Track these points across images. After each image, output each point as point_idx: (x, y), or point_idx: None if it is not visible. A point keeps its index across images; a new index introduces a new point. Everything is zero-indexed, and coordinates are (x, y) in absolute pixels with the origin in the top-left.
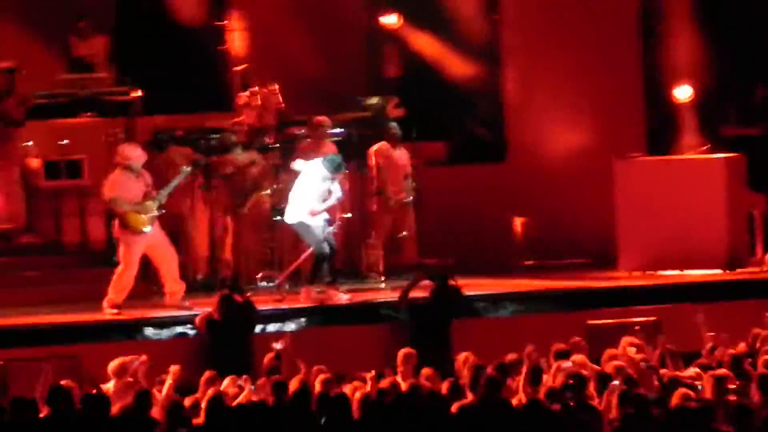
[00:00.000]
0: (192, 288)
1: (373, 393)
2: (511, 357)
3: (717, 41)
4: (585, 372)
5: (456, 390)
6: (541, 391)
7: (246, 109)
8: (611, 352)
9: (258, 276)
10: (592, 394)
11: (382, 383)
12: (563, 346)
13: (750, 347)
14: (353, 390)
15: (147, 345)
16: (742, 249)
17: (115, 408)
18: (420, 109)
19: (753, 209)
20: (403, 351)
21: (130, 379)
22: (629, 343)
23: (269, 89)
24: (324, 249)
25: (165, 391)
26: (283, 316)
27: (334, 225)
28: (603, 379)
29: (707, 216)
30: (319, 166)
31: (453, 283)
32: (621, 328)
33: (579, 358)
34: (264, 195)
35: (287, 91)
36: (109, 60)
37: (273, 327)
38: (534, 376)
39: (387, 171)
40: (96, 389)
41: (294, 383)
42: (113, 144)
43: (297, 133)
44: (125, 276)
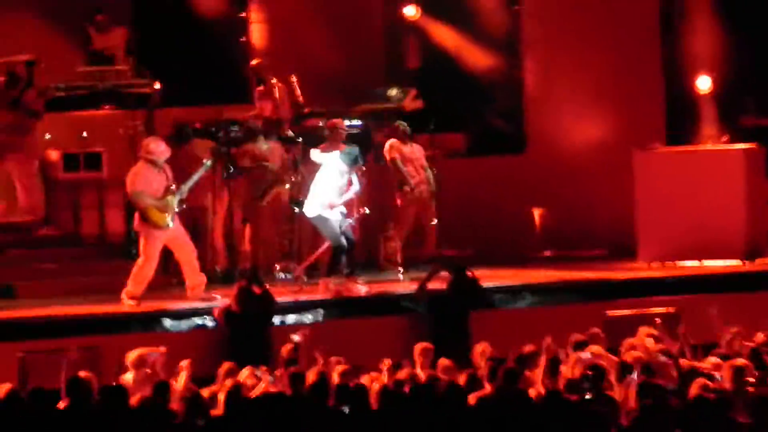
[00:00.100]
0: (211, 279)
1: (391, 384)
2: (529, 348)
3: (736, 32)
4: (603, 363)
5: (474, 381)
6: (560, 383)
7: (262, 102)
8: (630, 342)
9: (276, 267)
10: (610, 384)
11: (399, 374)
12: (581, 336)
13: None
14: (371, 381)
15: (166, 336)
16: (761, 240)
17: (134, 399)
18: (439, 101)
19: None
20: (421, 345)
21: (148, 371)
22: (647, 334)
23: (289, 81)
24: (341, 242)
25: (181, 385)
26: (302, 307)
27: (352, 218)
28: (622, 370)
29: (726, 207)
30: (338, 159)
31: (470, 275)
32: (640, 319)
33: (596, 348)
34: (283, 188)
35: (307, 83)
36: (128, 52)
37: (291, 318)
38: (552, 367)
39: (404, 164)
40: (117, 376)
41: (311, 375)
42: (132, 136)
43: (315, 126)
44: (145, 269)
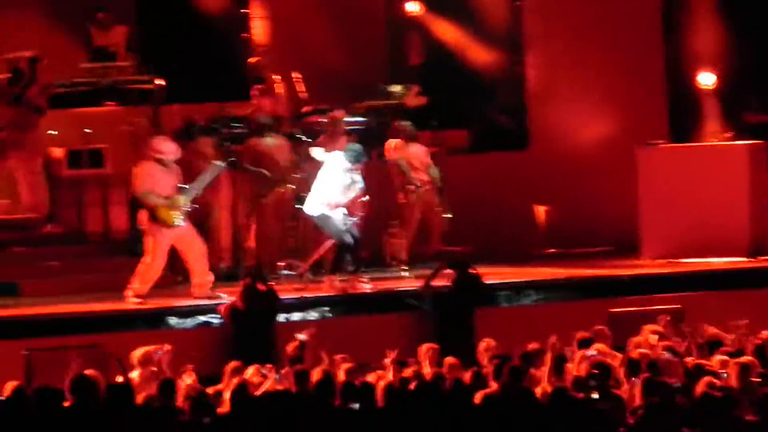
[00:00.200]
0: (215, 277)
1: (396, 382)
2: (534, 346)
3: (739, 28)
4: (609, 360)
5: (479, 378)
6: (566, 380)
7: (260, 99)
8: (636, 340)
9: (281, 264)
10: (616, 382)
11: (405, 372)
12: (586, 334)
13: None
14: (376, 379)
15: (171, 334)
16: (765, 236)
17: (139, 397)
18: (442, 97)
19: None
20: (425, 345)
21: (153, 369)
22: (651, 331)
23: (291, 78)
24: (346, 239)
25: (187, 384)
26: (307, 305)
27: (355, 215)
28: (629, 368)
29: (730, 203)
30: (341, 157)
31: (473, 272)
32: (644, 316)
33: (601, 346)
34: (287, 186)
35: (309, 80)
36: (129, 49)
37: (296, 316)
38: (558, 365)
39: (407, 163)
40: (123, 374)
41: (317, 373)
42: (135, 133)
43: (317, 122)
44: (153, 268)
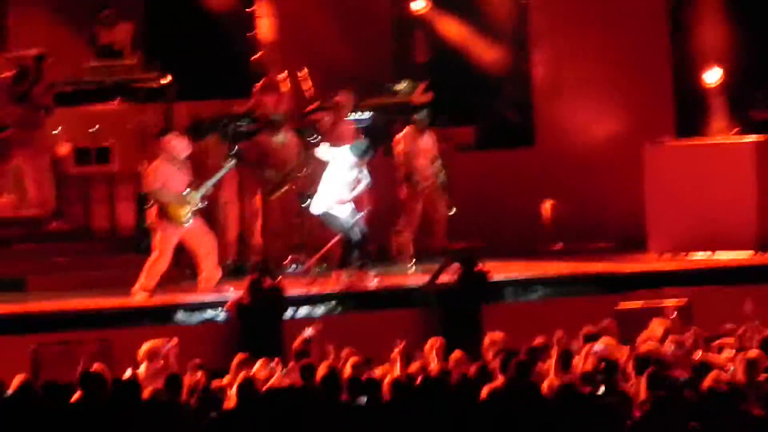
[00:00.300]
0: (222, 272)
1: (402, 376)
2: (540, 341)
3: (746, 24)
4: (616, 355)
5: (484, 373)
6: (572, 375)
7: (263, 96)
8: (644, 335)
9: (287, 260)
10: (623, 377)
11: (411, 367)
12: (592, 329)
13: None
14: (383, 373)
15: (178, 330)
16: None
17: (146, 392)
18: (448, 94)
19: None
20: (433, 339)
21: (160, 363)
22: (658, 325)
23: (298, 75)
24: (353, 234)
25: (194, 379)
26: (313, 300)
27: (362, 211)
28: (637, 363)
29: (737, 199)
30: (347, 153)
31: (479, 268)
32: (651, 311)
33: (607, 341)
34: (293, 185)
35: (315, 78)
36: (135, 47)
37: (303, 311)
38: (564, 360)
39: (414, 157)
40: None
41: (322, 369)
42: (142, 130)
43: (322, 119)
44: (159, 263)
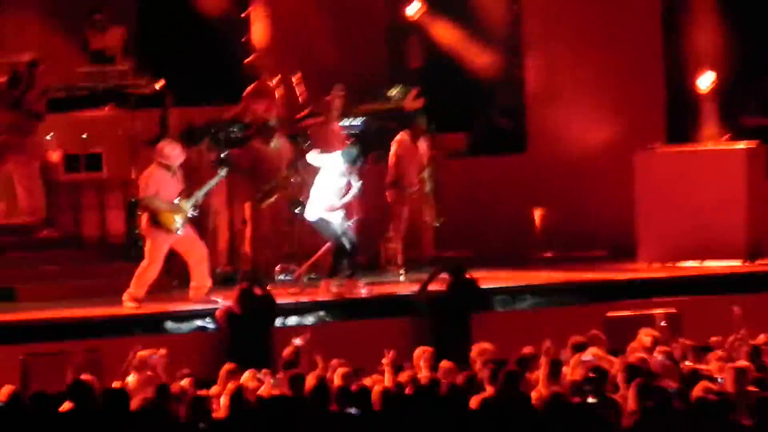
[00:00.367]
0: (213, 281)
1: (392, 386)
2: (528, 350)
3: (738, 31)
4: (605, 365)
5: (472, 382)
6: (562, 385)
7: (254, 100)
8: (635, 345)
9: (276, 269)
10: (612, 386)
11: (400, 376)
12: (580, 338)
13: None
14: (372, 383)
15: (167, 339)
16: (762, 240)
17: (135, 402)
18: (441, 100)
19: None
20: (421, 348)
21: (149, 373)
22: (646, 335)
23: (291, 80)
24: (344, 243)
25: (183, 389)
26: (303, 309)
27: (352, 219)
28: (626, 372)
29: (727, 206)
30: (337, 160)
31: (469, 276)
32: (640, 319)
33: (595, 350)
34: (284, 193)
35: (308, 83)
36: (126, 52)
37: (293, 320)
38: (554, 369)
39: (407, 162)
40: (122, 378)
41: (311, 379)
42: (132, 137)
43: (313, 125)
44: (149, 271)
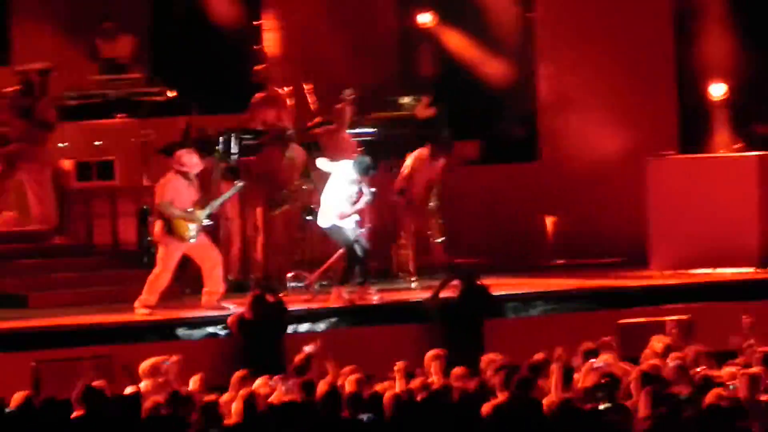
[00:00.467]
0: (225, 288)
1: (404, 393)
2: (540, 357)
3: (751, 39)
4: (617, 371)
5: (484, 388)
6: (574, 392)
7: (263, 109)
8: (649, 351)
9: (288, 276)
10: (624, 393)
11: (413, 383)
12: (591, 345)
13: None
14: (384, 390)
15: (179, 345)
16: None
17: (148, 402)
18: (453, 108)
19: None
20: (431, 352)
21: (162, 380)
22: (659, 341)
23: (303, 89)
24: (356, 250)
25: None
26: (315, 316)
27: (364, 227)
28: (640, 379)
29: (740, 214)
30: (349, 168)
31: (481, 283)
32: (653, 327)
33: (607, 357)
34: (296, 203)
35: (320, 91)
36: (136, 60)
37: (305, 327)
38: (565, 376)
39: (418, 177)
40: (131, 381)
41: (322, 386)
42: (145, 145)
43: (323, 134)
44: (161, 278)
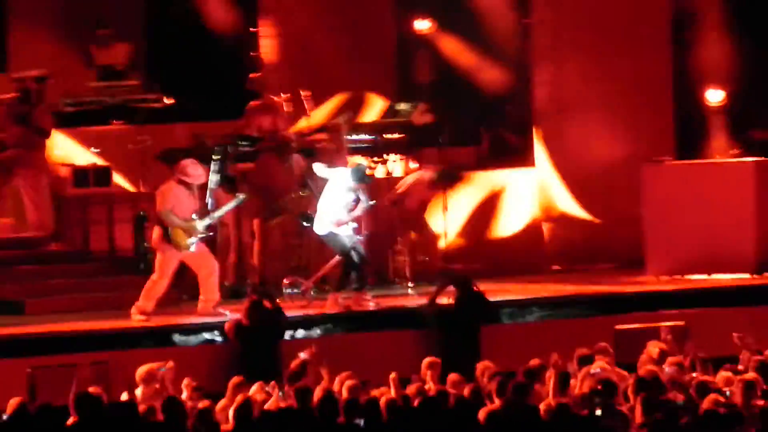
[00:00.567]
0: (222, 295)
1: (399, 398)
2: (535, 363)
3: (747, 45)
4: (613, 377)
5: (478, 394)
6: (570, 397)
7: (258, 116)
8: (646, 357)
9: (284, 282)
10: (624, 399)
11: (409, 389)
12: (586, 351)
13: None
14: (380, 396)
15: (176, 351)
16: None
17: (141, 407)
18: (450, 115)
19: None
20: (427, 359)
21: (157, 386)
22: (653, 347)
23: (300, 96)
24: (352, 257)
25: (191, 401)
26: (311, 322)
27: (361, 234)
28: (636, 385)
29: (736, 220)
30: (346, 176)
31: (477, 289)
32: (649, 332)
33: (602, 363)
34: (293, 214)
35: (318, 98)
36: (132, 67)
37: (301, 333)
38: (562, 382)
39: (412, 198)
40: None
41: (318, 392)
42: (143, 151)
43: (321, 141)
44: (158, 285)
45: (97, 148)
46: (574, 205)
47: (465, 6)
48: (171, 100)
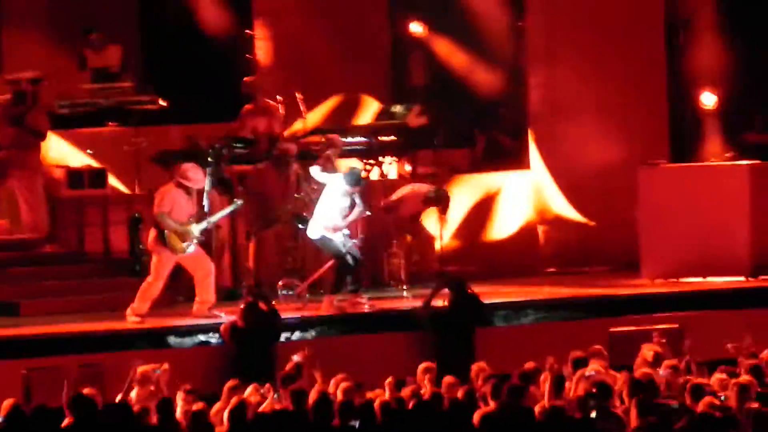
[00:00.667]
0: (217, 297)
1: (393, 401)
2: (530, 365)
3: (741, 48)
4: (608, 380)
5: (472, 397)
6: (565, 400)
7: (253, 119)
8: (641, 360)
9: (279, 284)
10: (620, 402)
11: (404, 391)
12: (580, 354)
13: None
14: (374, 398)
15: (171, 353)
16: (765, 256)
17: (136, 407)
18: (444, 117)
19: None
20: (423, 365)
21: (152, 388)
22: (648, 350)
23: (297, 99)
24: (346, 260)
25: (185, 404)
26: (306, 324)
27: (356, 238)
28: (630, 387)
29: (731, 223)
30: (340, 180)
31: (471, 292)
32: (643, 335)
33: (597, 366)
34: (287, 222)
35: (312, 100)
36: (127, 69)
37: (296, 335)
38: (557, 385)
39: (407, 205)
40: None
41: (312, 394)
42: (137, 153)
43: (315, 143)
44: (153, 287)
45: (92, 149)
46: (568, 208)
47: (459, 8)
48: (165, 102)
